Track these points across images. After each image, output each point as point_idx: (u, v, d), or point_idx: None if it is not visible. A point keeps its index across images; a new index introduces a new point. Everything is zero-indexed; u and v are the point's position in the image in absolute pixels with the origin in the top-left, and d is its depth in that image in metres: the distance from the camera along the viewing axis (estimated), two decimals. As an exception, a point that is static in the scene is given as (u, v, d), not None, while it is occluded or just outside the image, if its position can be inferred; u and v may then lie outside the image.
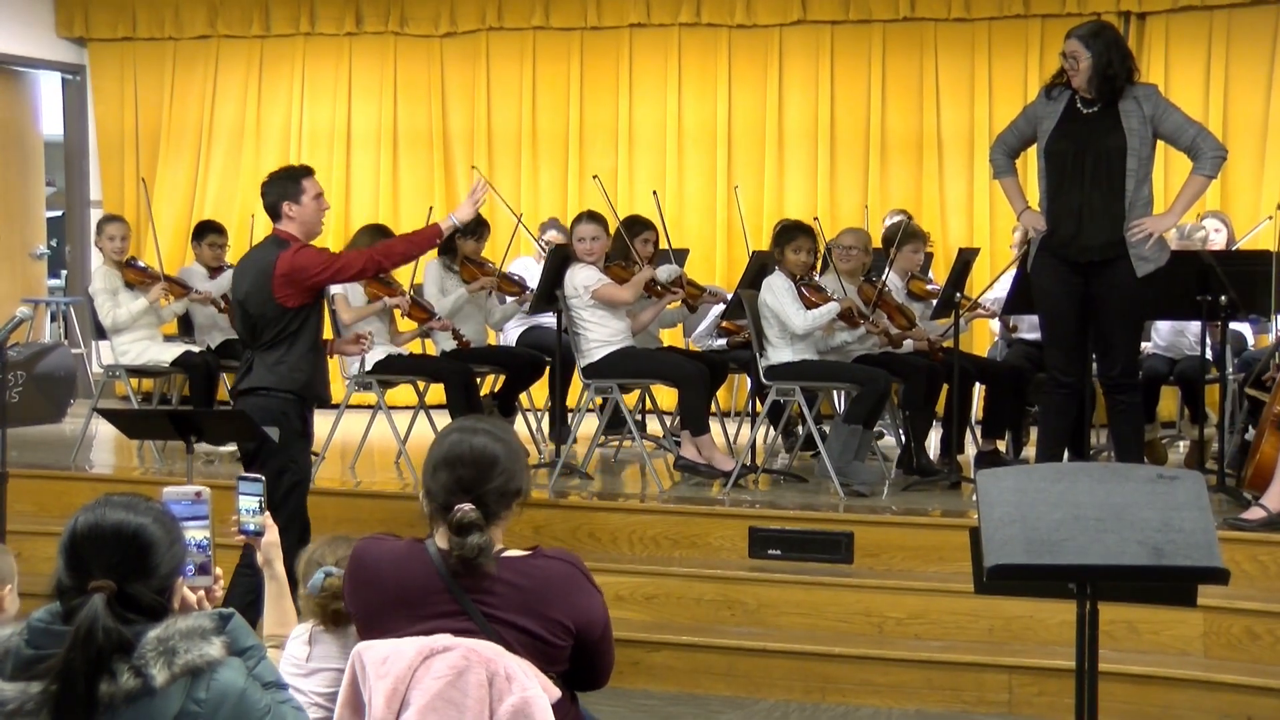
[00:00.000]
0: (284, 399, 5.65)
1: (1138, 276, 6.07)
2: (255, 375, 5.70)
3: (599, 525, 6.67)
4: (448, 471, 3.12)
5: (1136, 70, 6.17)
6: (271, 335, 5.66)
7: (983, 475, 3.59)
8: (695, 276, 8.24)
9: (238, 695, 2.55)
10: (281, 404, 5.65)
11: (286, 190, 5.71)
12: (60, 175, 11.87)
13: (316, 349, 5.75)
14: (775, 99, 10.35)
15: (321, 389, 5.79)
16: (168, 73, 11.29)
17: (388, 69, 10.98)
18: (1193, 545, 3.40)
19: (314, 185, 5.77)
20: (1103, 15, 9.70)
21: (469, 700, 2.96)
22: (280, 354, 5.66)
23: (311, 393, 5.72)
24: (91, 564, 2.54)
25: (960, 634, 5.95)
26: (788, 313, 7.01)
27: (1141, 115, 6.06)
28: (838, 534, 6.34)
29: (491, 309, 8.29)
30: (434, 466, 3.15)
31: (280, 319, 5.65)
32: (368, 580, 3.14)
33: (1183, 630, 5.73)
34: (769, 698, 5.89)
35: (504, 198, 10.70)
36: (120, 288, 8.08)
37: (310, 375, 5.70)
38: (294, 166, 5.93)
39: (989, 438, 7.58)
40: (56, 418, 9.61)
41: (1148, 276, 6.09)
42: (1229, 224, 8.42)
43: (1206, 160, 6.07)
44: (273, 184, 5.78)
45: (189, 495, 3.03)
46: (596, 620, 3.15)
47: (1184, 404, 8.21)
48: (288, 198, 5.70)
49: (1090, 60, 6.03)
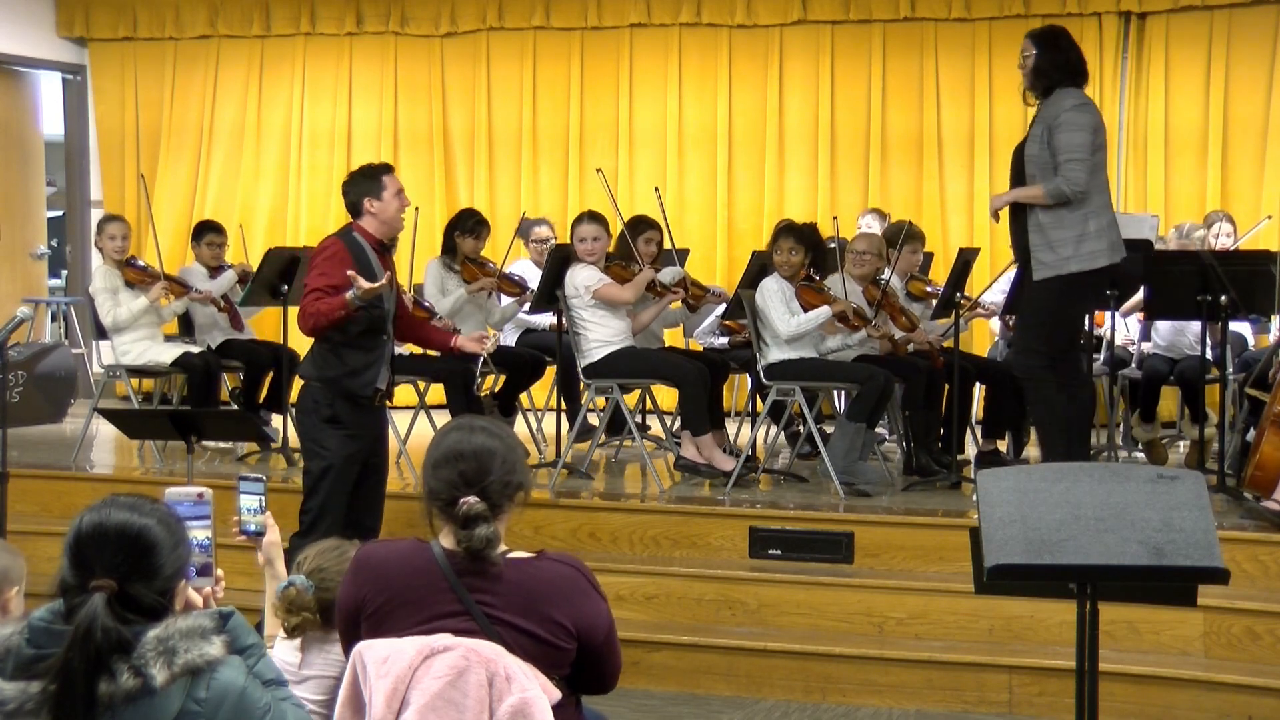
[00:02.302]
0: (316, 388, 5.75)
1: (1034, 279, 6.14)
2: (302, 365, 5.89)
3: (599, 525, 6.68)
4: (449, 467, 3.13)
5: (1081, 76, 6.20)
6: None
7: (983, 475, 3.59)
8: (695, 276, 8.24)
9: (238, 694, 2.56)
10: (314, 392, 5.76)
11: (368, 188, 5.78)
12: (60, 175, 11.87)
13: (358, 345, 5.74)
14: (775, 99, 10.35)
15: (360, 385, 5.75)
16: (168, 73, 11.29)
17: (388, 69, 10.98)
18: (1193, 545, 3.40)
19: (394, 182, 5.83)
20: (1103, 15, 9.74)
21: (469, 700, 2.96)
22: (320, 346, 5.77)
23: (342, 386, 5.72)
24: (95, 563, 2.55)
25: (961, 634, 5.96)
26: (772, 316, 7.02)
27: (1044, 120, 6.10)
28: (838, 534, 6.34)
29: (491, 309, 8.29)
30: (434, 465, 3.17)
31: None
32: (372, 579, 3.15)
33: (1183, 630, 5.73)
34: (769, 698, 5.90)
35: (507, 197, 10.78)
36: (121, 287, 8.07)
37: (343, 370, 5.72)
38: (374, 164, 5.97)
39: (989, 438, 7.58)
40: (57, 418, 9.61)
41: (1044, 281, 6.10)
42: (1235, 225, 8.42)
43: (1054, 183, 6.02)
44: (354, 183, 5.85)
45: (191, 496, 3.04)
46: (599, 626, 3.15)
47: (1184, 404, 8.21)
48: (369, 194, 5.77)
49: (1033, 59, 6.14)
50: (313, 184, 11.06)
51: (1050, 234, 6.09)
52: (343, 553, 3.63)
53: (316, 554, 3.67)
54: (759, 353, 7.19)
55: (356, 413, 5.78)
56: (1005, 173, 6.58)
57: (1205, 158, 9.62)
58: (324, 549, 3.71)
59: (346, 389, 5.75)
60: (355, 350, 5.75)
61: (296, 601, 3.54)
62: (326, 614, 3.52)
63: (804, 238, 7.18)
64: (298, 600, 3.54)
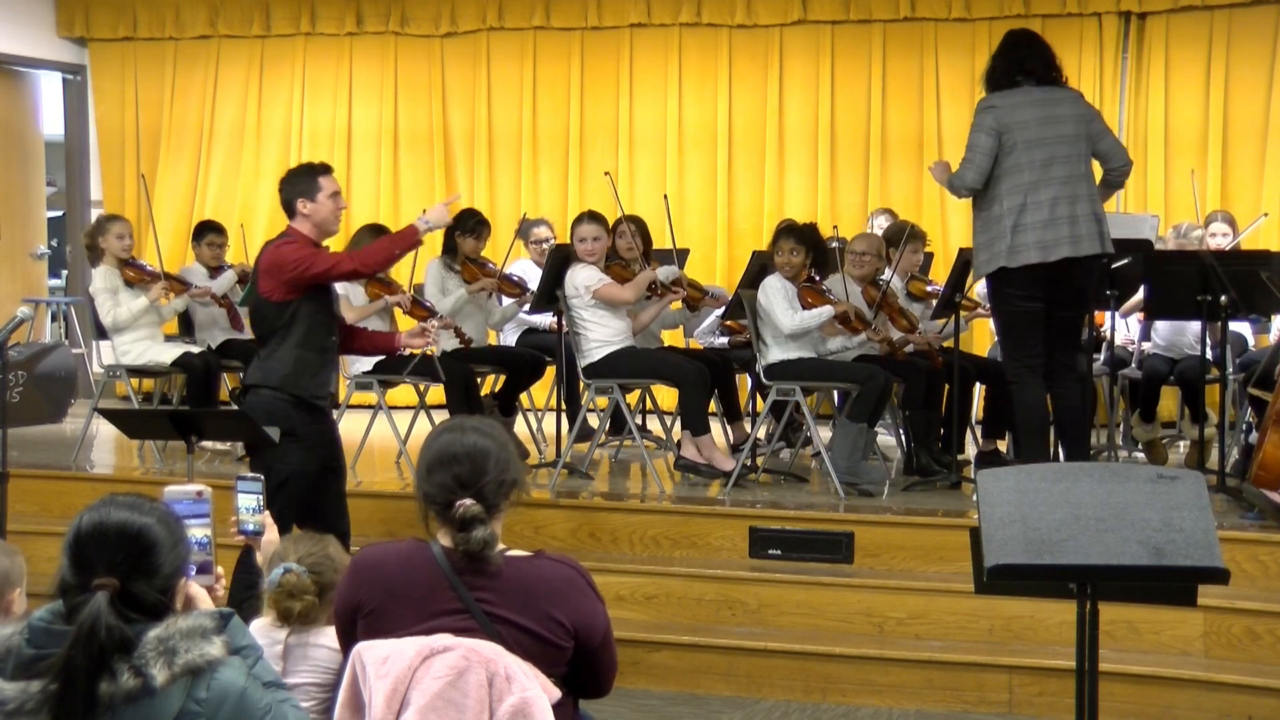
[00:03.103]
0: (267, 396, 5.57)
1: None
2: (249, 373, 5.70)
3: (599, 525, 6.67)
4: (444, 471, 3.13)
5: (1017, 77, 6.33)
6: (266, 331, 5.64)
7: (983, 475, 3.59)
8: (695, 276, 8.25)
9: (238, 695, 2.56)
10: (267, 401, 5.57)
11: (303, 188, 5.61)
12: (60, 175, 11.87)
13: (309, 346, 5.60)
14: (775, 99, 10.35)
15: (314, 388, 5.61)
16: (168, 73, 11.29)
17: (388, 69, 10.98)
18: (1193, 545, 3.40)
19: (331, 183, 5.64)
20: (1103, 15, 9.74)
21: (469, 700, 2.96)
22: (270, 350, 5.61)
23: (298, 390, 5.56)
24: (95, 562, 2.55)
25: (960, 634, 5.96)
26: (776, 311, 7.02)
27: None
28: (838, 534, 6.34)
29: (491, 309, 8.30)
30: (428, 469, 3.17)
31: (272, 314, 5.60)
32: (372, 579, 3.15)
33: (1183, 630, 5.73)
34: (769, 698, 5.89)
35: (507, 197, 10.77)
36: (121, 287, 8.06)
37: (296, 373, 5.56)
38: (313, 164, 5.79)
39: (989, 438, 7.58)
40: (57, 418, 9.61)
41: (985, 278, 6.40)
42: (1234, 225, 8.42)
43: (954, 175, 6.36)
44: (290, 181, 5.68)
45: (190, 495, 3.04)
46: (597, 626, 3.15)
47: (1184, 404, 8.21)
48: (304, 195, 5.60)
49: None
50: (313, 184, 11.04)
51: (978, 235, 6.35)
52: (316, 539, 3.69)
53: (293, 544, 3.68)
54: (759, 353, 7.19)
55: (310, 422, 5.60)
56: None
57: (1205, 158, 9.62)
58: (296, 539, 3.74)
59: (302, 393, 5.56)
60: (309, 352, 5.60)
61: (298, 587, 3.55)
62: (324, 595, 3.54)
63: (805, 238, 7.18)
64: (299, 585, 3.55)
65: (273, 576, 3.58)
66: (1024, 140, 6.18)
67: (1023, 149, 6.18)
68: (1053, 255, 6.12)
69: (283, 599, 3.56)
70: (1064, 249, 6.13)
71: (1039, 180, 6.17)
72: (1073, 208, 6.16)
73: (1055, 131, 6.21)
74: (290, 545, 3.68)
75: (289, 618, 3.57)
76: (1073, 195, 6.17)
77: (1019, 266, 6.15)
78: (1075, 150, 6.23)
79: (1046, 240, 6.13)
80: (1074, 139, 6.23)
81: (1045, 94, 6.27)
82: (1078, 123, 6.26)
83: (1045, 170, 6.17)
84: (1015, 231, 6.14)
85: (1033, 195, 6.15)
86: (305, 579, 3.56)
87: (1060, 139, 6.21)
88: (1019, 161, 6.18)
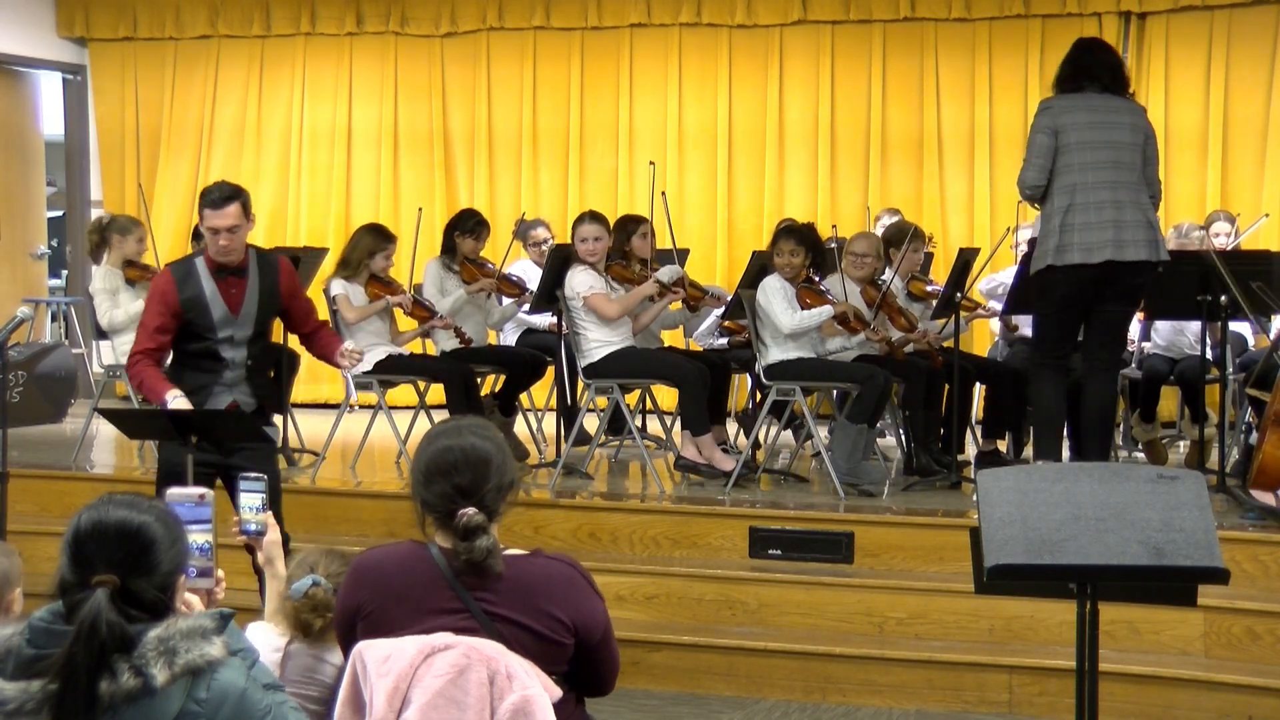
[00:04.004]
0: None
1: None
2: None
3: (599, 525, 6.67)
4: (444, 480, 3.11)
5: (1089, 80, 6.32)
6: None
7: (983, 475, 3.59)
8: (695, 276, 8.24)
9: (238, 695, 2.56)
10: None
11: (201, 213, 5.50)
12: (60, 175, 11.87)
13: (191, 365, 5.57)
14: (775, 99, 10.35)
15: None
16: (168, 73, 11.29)
17: (388, 69, 10.98)
18: (1193, 545, 3.40)
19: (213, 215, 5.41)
20: (1103, 15, 9.74)
21: (470, 699, 2.96)
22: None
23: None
24: (95, 560, 2.55)
25: (960, 634, 5.96)
26: (775, 310, 7.02)
27: None
28: (838, 534, 6.34)
29: (491, 310, 8.30)
30: (427, 478, 3.14)
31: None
32: (371, 580, 3.15)
33: (1183, 630, 5.74)
34: (770, 698, 5.90)
35: (507, 197, 10.78)
36: (120, 287, 8.06)
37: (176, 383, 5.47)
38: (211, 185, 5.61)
39: (989, 438, 7.58)
40: (57, 418, 9.61)
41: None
42: (1235, 225, 8.42)
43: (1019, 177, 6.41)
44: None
45: (192, 498, 3.04)
46: (596, 623, 3.15)
47: (1184, 404, 8.21)
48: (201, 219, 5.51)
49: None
50: (313, 184, 11.06)
51: (1040, 230, 6.41)
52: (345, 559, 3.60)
53: (324, 558, 3.63)
54: (759, 353, 7.19)
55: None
56: (1006, 172, 6.66)
57: (1205, 158, 9.62)
58: (327, 553, 3.66)
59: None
60: (193, 371, 5.58)
61: (325, 603, 3.50)
62: None
63: (804, 239, 7.18)
64: (325, 602, 3.50)
65: (299, 585, 3.52)
66: (1075, 142, 6.19)
67: (1074, 150, 6.19)
68: (1096, 257, 6.13)
69: (305, 612, 3.51)
70: (1107, 251, 6.13)
71: (1086, 182, 6.18)
72: (1119, 212, 6.15)
73: (1107, 137, 6.20)
74: (321, 558, 3.62)
75: (308, 632, 3.52)
76: (1120, 201, 6.16)
77: (1065, 265, 6.17)
78: (1127, 157, 6.21)
79: (1090, 242, 6.14)
80: (1128, 147, 6.21)
81: (1104, 101, 6.26)
82: (1134, 132, 6.24)
83: (1093, 173, 6.18)
84: (1063, 231, 6.16)
85: (1080, 196, 6.17)
86: (331, 596, 3.49)
87: (1111, 144, 6.19)
88: (1069, 162, 6.19)
